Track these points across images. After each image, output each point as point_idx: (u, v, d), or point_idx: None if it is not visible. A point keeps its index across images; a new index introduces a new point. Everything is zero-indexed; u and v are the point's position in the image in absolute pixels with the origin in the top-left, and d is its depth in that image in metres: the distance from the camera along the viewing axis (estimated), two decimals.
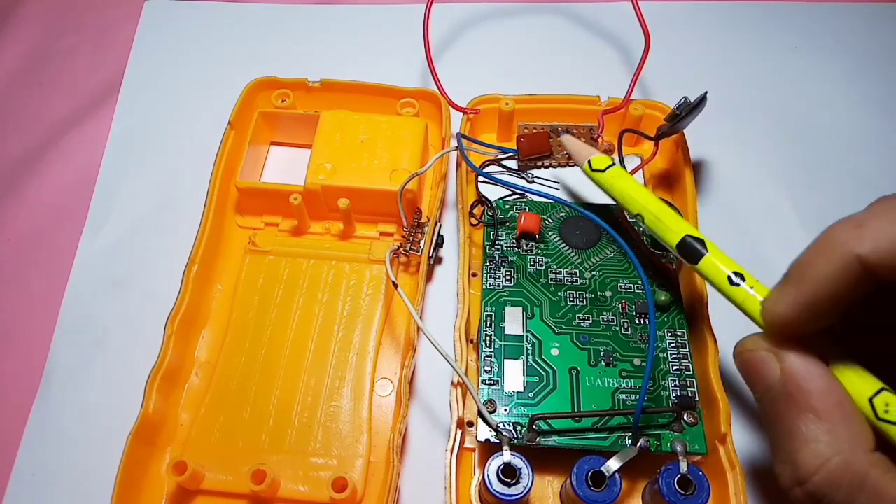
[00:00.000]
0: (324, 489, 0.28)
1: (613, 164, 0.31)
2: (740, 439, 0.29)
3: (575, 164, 0.38)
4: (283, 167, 0.39)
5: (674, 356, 0.30)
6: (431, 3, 0.36)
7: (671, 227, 0.28)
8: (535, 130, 0.37)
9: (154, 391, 0.29)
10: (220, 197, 0.35)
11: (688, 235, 0.27)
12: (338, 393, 0.31)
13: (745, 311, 0.24)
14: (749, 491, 0.27)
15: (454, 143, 0.35)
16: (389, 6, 0.46)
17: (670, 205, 0.34)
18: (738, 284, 0.24)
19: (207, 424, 0.30)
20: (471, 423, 0.29)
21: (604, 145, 0.37)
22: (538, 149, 0.36)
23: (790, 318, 0.21)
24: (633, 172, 0.35)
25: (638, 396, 0.29)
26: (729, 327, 0.33)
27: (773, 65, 0.43)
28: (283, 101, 0.38)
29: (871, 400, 0.20)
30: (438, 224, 0.34)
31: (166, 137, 0.41)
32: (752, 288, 0.24)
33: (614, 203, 0.34)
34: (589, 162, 0.32)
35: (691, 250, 0.27)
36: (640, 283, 0.32)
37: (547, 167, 0.38)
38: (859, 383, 0.21)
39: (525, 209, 0.35)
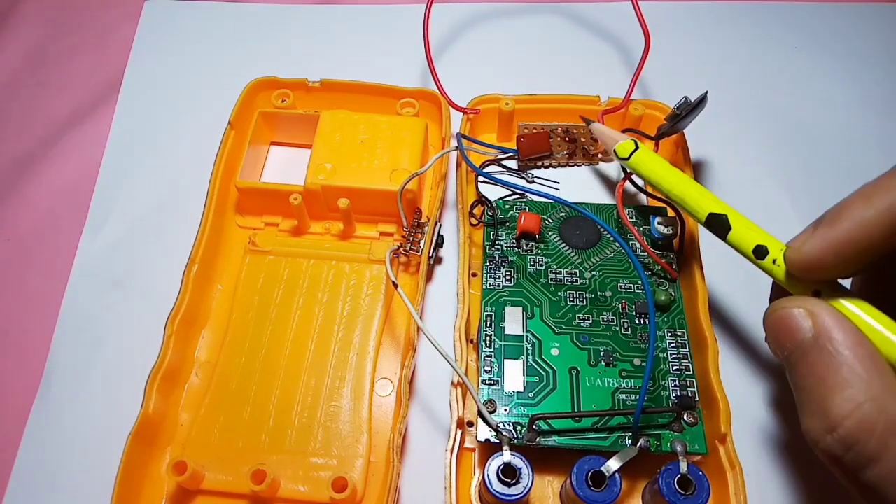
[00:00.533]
0: (324, 489, 0.28)
1: (637, 148, 0.32)
2: (740, 439, 0.29)
3: (574, 165, 0.38)
4: (283, 167, 0.39)
5: (674, 356, 0.30)
6: (431, 3, 0.36)
7: (695, 208, 0.28)
8: (535, 130, 0.37)
9: (154, 391, 0.29)
10: (220, 197, 0.35)
11: (711, 214, 0.27)
12: (338, 393, 0.31)
13: (775, 279, 0.25)
14: (749, 491, 0.27)
15: (454, 143, 0.35)
16: (389, 6, 0.46)
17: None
18: (762, 258, 0.25)
19: (207, 424, 0.30)
20: (471, 423, 0.29)
21: (604, 145, 0.37)
22: (538, 149, 0.36)
23: (815, 258, 0.22)
24: (632, 172, 0.35)
25: (638, 396, 0.29)
26: (730, 326, 0.34)
27: (773, 65, 0.43)
28: (283, 101, 0.38)
29: None
30: (438, 224, 0.34)
31: (166, 137, 0.41)
32: (774, 260, 0.24)
33: (614, 203, 0.34)
34: (615, 151, 0.32)
35: (717, 227, 0.27)
36: (640, 283, 0.32)
37: (547, 167, 0.38)
38: (887, 344, 0.21)
39: (525, 209, 0.35)
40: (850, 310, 0.22)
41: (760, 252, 0.25)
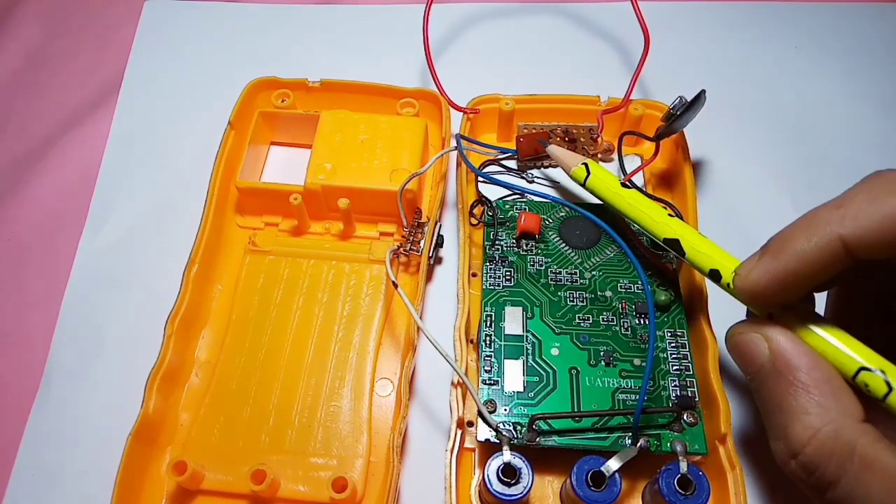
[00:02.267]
0: (324, 489, 0.28)
1: (589, 174, 0.31)
2: (740, 439, 0.29)
3: None
4: (283, 167, 0.39)
5: (674, 356, 0.30)
6: (431, 3, 0.36)
7: (650, 232, 0.29)
8: (534, 130, 0.37)
9: (154, 391, 0.29)
10: (220, 197, 0.35)
11: (665, 239, 0.28)
12: (338, 393, 0.31)
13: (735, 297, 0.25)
14: (749, 491, 0.27)
15: (454, 143, 0.35)
16: (389, 6, 0.46)
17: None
18: (717, 281, 0.25)
19: (207, 424, 0.30)
20: (471, 423, 0.29)
21: (603, 145, 0.37)
22: (538, 149, 0.36)
23: (760, 287, 0.22)
24: (633, 173, 0.35)
25: (638, 396, 0.29)
26: (730, 327, 0.34)
27: (773, 65, 0.43)
28: (283, 101, 0.38)
29: (853, 379, 0.21)
30: (438, 224, 0.34)
31: (166, 137, 0.41)
32: (728, 284, 0.25)
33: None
34: (571, 176, 0.32)
35: (674, 249, 0.28)
36: (640, 283, 0.32)
37: (547, 167, 0.38)
38: (844, 358, 0.21)
39: (525, 209, 0.35)
40: (810, 329, 0.22)
41: (714, 276, 0.25)
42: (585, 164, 0.31)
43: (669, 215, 0.29)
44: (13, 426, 0.32)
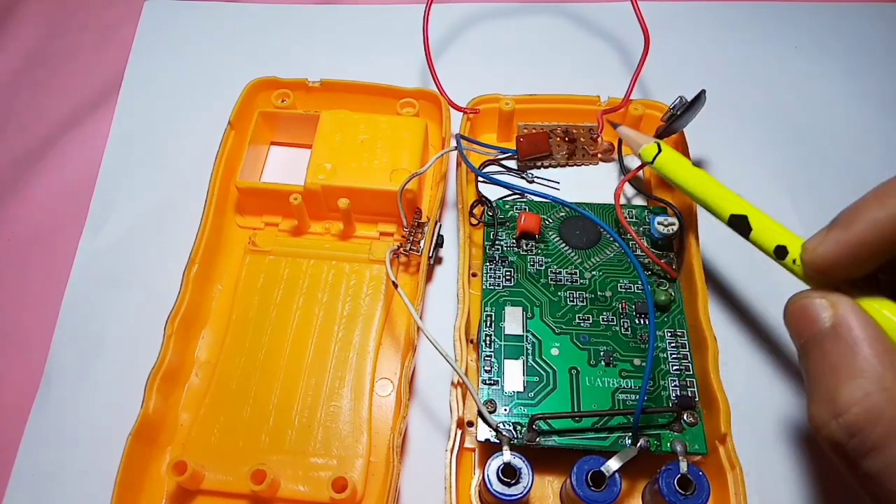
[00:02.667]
0: (324, 489, 0.28)
1: (660, 151, 0.31)
2: (740, 439, 0.29)
3: (574, 165, 0.38)
4: (283, 167, 0.39)
5: (674, 356, 0.30)
6: (431, 3, 0.36)
7: (716, 209, 0.28)
8: (534, 130, 0.37)
9: (154, 391, 0.29)
10: (220, 197, 0.35)
11: (732, 215, 0.27)
12: (338, 393, 0.31)
13: (797, 277, 0.25)
14: (749, 491, 0.27)
15: (454, 143, 0.35)
16: (389, 6, 0.46)
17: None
18: (783, 258, 0.25)
19: (207, 424, 0.30)
20: (471, 423, 0.29)
21: (603, 145, 0.37)
22: (538, 149, 0.36)
23: (830, 259, 0.22)
24: (633, 173, 0.35)
25: (638, 396, 0.29)
26: (730, 326, 0.34)
27: (773, 65, 0.43)
28: (283, 101, 0.38)
29: None
30: (438, 224, 0.34)
31: (166, 137, 0.41)
32: (794, 260, 0.24)
33: (612, 203, 0.34)
34: (639, 154, 0.32)
35: (739, 227, 0.27)
36: (640, 283, 0.32)
37: (546, 167, 0.38)
38: None
39: (525, 209, 0.35)
40: (872, 306, 0.22)
41: (781, 252, 0.25)
42: (658, 143, 0.32)
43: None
44: (13, 426, 0.32)
